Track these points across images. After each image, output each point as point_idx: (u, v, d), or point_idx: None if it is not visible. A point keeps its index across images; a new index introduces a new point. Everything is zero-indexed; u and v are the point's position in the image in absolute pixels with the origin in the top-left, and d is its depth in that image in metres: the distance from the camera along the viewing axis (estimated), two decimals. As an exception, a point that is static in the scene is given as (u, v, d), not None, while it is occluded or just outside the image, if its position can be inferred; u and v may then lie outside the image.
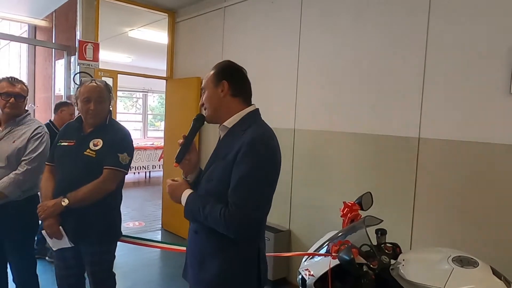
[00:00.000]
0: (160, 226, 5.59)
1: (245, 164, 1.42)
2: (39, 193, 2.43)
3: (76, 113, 3.54)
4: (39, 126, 2.50)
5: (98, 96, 2.20)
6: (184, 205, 1.55)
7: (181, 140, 1.61)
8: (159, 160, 9.53)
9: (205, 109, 1.63)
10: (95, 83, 2.24)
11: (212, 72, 1.62)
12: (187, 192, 1.56)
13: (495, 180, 2.38)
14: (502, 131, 2.34)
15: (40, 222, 2.33)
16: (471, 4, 2.48)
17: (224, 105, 1.57)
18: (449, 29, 2.58)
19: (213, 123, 1.64)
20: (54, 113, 4.26)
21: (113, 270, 2.38)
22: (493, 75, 2.38)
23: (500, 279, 1.61)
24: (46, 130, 2.55)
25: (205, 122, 1.65)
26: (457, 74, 2.54)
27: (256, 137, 1.45)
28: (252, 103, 1.63)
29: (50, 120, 4.19)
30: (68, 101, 4.60)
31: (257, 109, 1.62)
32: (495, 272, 1.64)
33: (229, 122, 1.57)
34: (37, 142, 2.43)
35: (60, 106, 4.25)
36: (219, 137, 1.66)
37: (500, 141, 2.35)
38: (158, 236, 5.30)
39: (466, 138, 2.50)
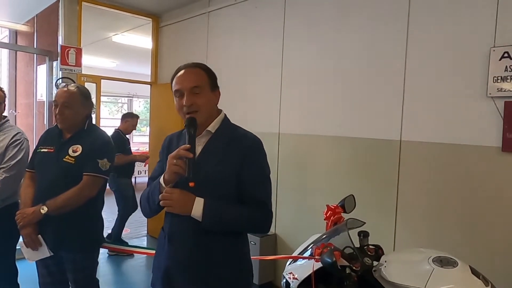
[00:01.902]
0: (146, 232, 5.54)
1: (259, 165, 1.54)
2: (19, 200, 2.38)
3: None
4: (17, 133, 2.45)
5: (65, 101, 2.14)
6: (201, 213, 1.42)
7: (189, 154, 1.39)
8: (144, 166, 9.42)
9: (192, 112, 1.48)
10: (67, 87, 2.19)
11: (200, 70, 1.53)
12: (200, 200, 1.43)
13: (474, 181, 2.43)
14: (480, 133, 2.40)
15: None
16: (450, 9, 2.54)
17: (213, 112, 1.58)
18: (428, 34, 2.64)
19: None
20: (121, 122, 4.96)
21: (97, 277, 2.35)
22: (471, 78, 2.44)
23: (479, 278, 1.64)
24: (26, 136, 2.50)
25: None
26: (436, 77, 2.60)
27: (256, 140, 1.57)
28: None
29: (118, 128, 4.87)
30: (134, 112, 5.27)
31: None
32: (474, 272, 1.67)
33: (213, 127, 1.57)
34: (16, 149, 2.39)
35: (125, 117, 4.95)
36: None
37: (477, 143, 2.41)
38: (143, 242, 5.25)
39: (445, 140, 2.55)
